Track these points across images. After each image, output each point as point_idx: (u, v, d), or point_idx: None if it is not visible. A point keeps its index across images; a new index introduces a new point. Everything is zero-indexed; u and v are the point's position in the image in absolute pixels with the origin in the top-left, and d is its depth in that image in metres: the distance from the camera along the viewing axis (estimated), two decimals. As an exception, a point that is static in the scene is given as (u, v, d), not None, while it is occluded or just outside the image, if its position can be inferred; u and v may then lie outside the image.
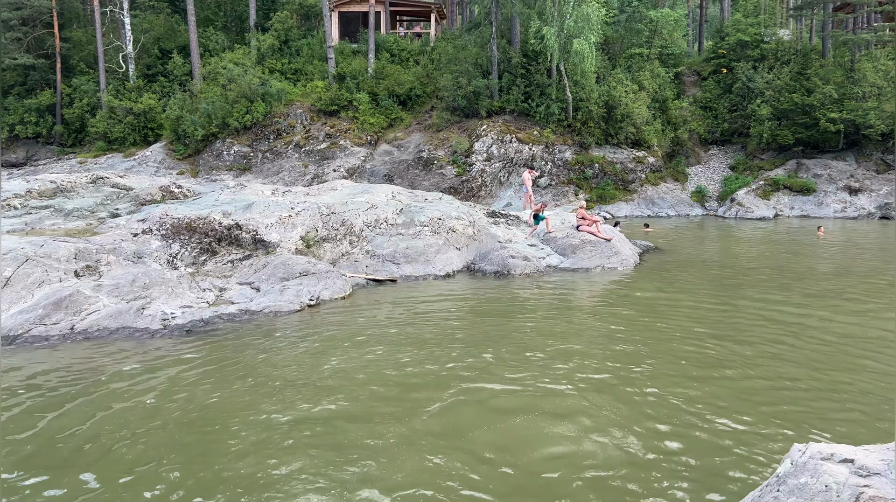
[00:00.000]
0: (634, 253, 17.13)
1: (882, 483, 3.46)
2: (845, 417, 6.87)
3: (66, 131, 36.38)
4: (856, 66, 32.04)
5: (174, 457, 6.03)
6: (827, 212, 29.15)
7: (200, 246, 13.78)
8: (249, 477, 5.63)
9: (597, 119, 31.09)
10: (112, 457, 6.05)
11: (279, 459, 5.96)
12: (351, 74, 33.88)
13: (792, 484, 3.72)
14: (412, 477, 5.60)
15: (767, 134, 31.56)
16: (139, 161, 32.50)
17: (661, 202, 30.59)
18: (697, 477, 5.58)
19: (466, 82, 31.27)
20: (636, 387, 7.68)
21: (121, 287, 11.22)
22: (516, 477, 5.59)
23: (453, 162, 30.25)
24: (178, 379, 8.17)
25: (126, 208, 17.51)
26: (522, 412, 6.96)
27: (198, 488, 5.49)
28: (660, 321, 10.76)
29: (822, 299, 12.40)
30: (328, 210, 15.77)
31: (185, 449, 6.21)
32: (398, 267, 14.89)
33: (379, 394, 7.54)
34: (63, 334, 10.04)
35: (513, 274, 14.94)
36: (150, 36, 38.47)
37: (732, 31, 35.87)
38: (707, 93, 35.26)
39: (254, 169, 31.88)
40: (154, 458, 6.01)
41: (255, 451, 6.12)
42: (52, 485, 5.54)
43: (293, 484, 5.52)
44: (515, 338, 9.84)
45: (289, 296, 11.94)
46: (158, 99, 35.05)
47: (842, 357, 8.87)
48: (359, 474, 5.67)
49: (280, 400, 7.37)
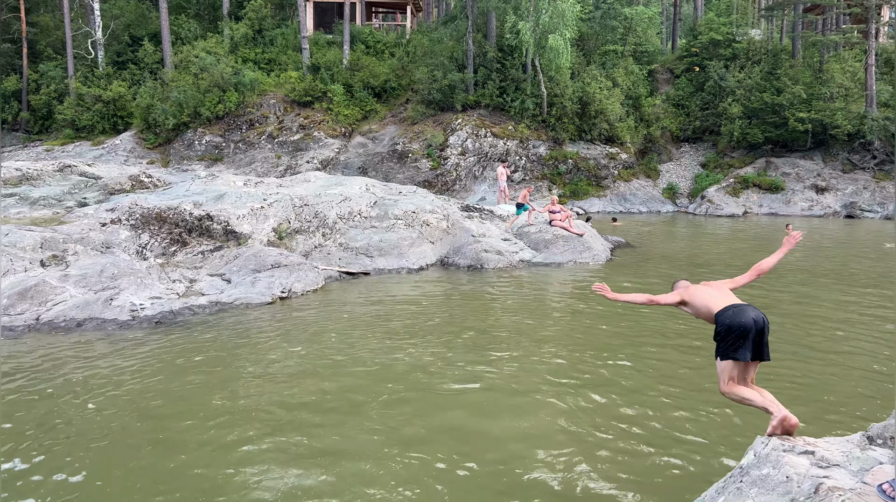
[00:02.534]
0: (606, 248, 17.30)
1: (841, 474, 3.56)
2: (804, 410, 7.03)
3: (33, 118, 35.59)
4: (824, 66, 32.64)
5: (129, 452, 5.97)
6: (794, 210, 29.70)
7: (171, 236, 13.61)
8: (208, 468, 5.60)
9: (571, 115, 31.29)
10: (70, 446, 5.97)
11: (238, 454, 5.92)
12: (325, 65, 33.62)
13: (755, 475, 3.80)
14: (375, 470, 5.62)
15: (738, 132, 32.03)
16: (108, 149, 31.93)
17: (633, 198, 30.91)
18: (665, 467, 5.67)
19: (442, 76, 31.23)
20: (604, 380, 7.76)
21: (88, 277, 11.04)
22: (479, 470, 5.63)
23: (428, 155, 30.23)
24: (144, 370, 8.07)
25: (94, 197, 17.20)
26: (490, 404, 7.00)
27: (152, 483, 5.44)
28: (630, 315, 10.88)
29: (791, 292, 12.64)
30: (301, 202, 15.67)
31: (144, 443, 6.14)
32: (371, 260, 14.85)
33: (347, 386, 7.53)
34: (28, 325, 9.85)
35: (486, 268, 15.00)
36: (121, 22, 37.75)
37: (705, 29, 36.30)
38: (680, 90, 35.65)
39: (226, 159, 31.52)
40: (109, 453, 5.94)
41: (215, 444, 6.08)
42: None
43: (248, 478, 5.50)
44: (486, 330, 9.89)
45: (260, 288, 11.85)
46: (129, 87, 34.43)
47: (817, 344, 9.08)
48: (316, 464, 5.66)
49: (246, 393, 7.33)
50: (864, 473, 3.52)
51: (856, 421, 6.49)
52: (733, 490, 3.82)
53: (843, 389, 7.59)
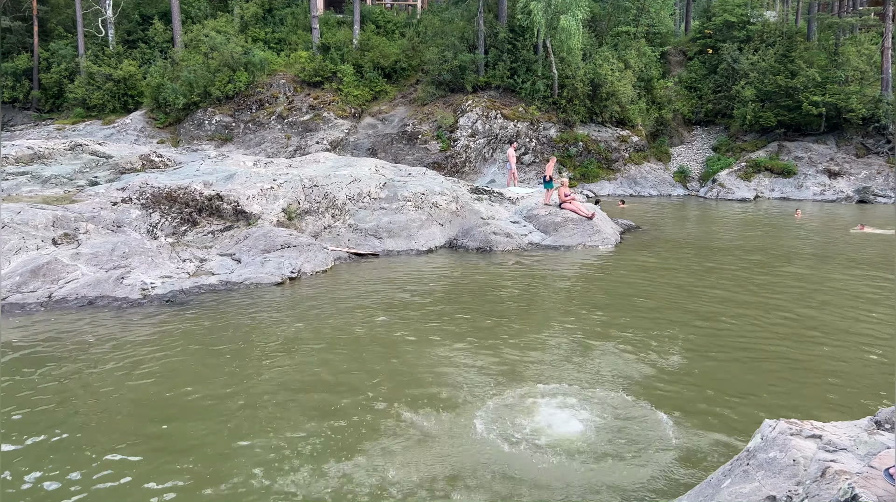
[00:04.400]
0: (616, 231, 17.24)
1: (848, 458, 3.56)
2: (815, 394, 7.04)
3: (44, 96, 35.64)
4: (839, 49, 32.18)
5: (136, 429, 6.05)
6: (806, 194, 29.44)
7: (181, 216, 13.66)
8: (212, 446, 5.67)
9: (582, 97, 31.01)
10: (79, 422, 6.05)
11: (241, 433, 5.99)
12: (335, 45, 33.43)
13: (761, 458, 3.81)
14: (385, 447, 5.67)
15: (750, 115, 31.68)
16: (119, 128, 31.98)
17: (644, 181, 30.72)
18: (670, 448, 5.70)
19: (452, 56, 30.99)
20: (611, 360, 7.78)
21: (100, 256, 11.12)
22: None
23: (438, 137, 30.11)
24: (154, 347, 8.15)
25: (105, 176, 17.26)
26: (504, 377, 7.04)
27: (158, 460, 5.52)
28: (640, 297, 10.88)
29: (800, 283, 12.59)
30: (311, 182, 15.67)
31: (150, 421, 6.22)
32: (381, 241, 14.87)
33: (356, 366, 7.58)
34: (41, 302, 9.95)
35: (495, 250, 14.99)
36: (131, 1, 37.61)
37: (719, 11, 35.80)
38: (692, 73, 35.26)
39: (235, 139, 31.51)
40: (118, 429, 6.03)
41: (221, 421, 6.15)
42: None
43: (252, 454, 5.57)
44: (495, 310, 9.91)
45: (270, 269, 11.90)
46: (139, 66, 34.38)
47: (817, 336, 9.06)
48: (321, 444, 5.72)
49: (255, 372, 7.39)
50: (871, 457, 3.52)
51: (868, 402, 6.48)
52: (740, 472, 3.84)
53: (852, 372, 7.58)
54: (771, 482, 3.58)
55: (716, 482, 4.00)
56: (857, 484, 3.22)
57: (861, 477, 3.28)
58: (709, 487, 4.04)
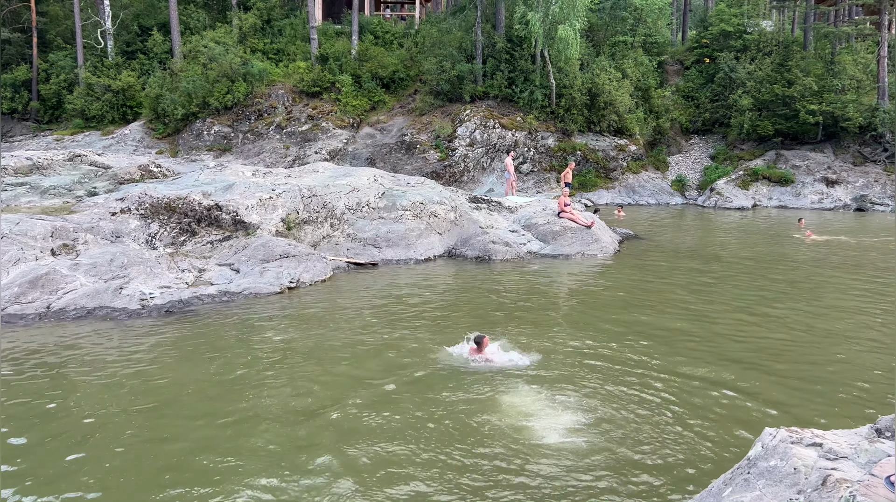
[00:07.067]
0: (614, 240, 17.26)
1: (848, 466, 3.55)
2: (814, 401, 7.03)
3: (43, 107, 35.72)
4: (836, 58, 32.33)
5: (133, 441, 6.03)
6: (804, 202, 29.52)
7: (180, 226, 13.67)
8: (209, 458, 5.65)
9: (580, 106, 31.13)
10: (76, 434, 6.03)
11: (239, 444, 5.97)
12: (334, 56, 33.55)
13: (762, 466, 3.80)
14: (378, 459, 5.65)
15: (748, 124, 31.80)
16: (117, 139, 32.03)
17: (642, 190, 30.79)
18: (670, 458, 5.68)
19: (450, 66, 31.11)
20: (613, 369, 7.77)
21: (98, 266, 11.11)
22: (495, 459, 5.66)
23: (436, 146, 30.18)
24: (153, 359, 8.14)
25: (104, 187, 17.27)
26: (495, 393, 7.03)
27: (155, 474, 5.49)
28: (637, 305, 10.88)
29: (797, 291, 12.60)
30: (309, 192, 15.69)
31: (146, 434, 6.20)
32: (379, 250, 14.87)
33: (354, 377, 7.57)
34: (39, 313, 9.93)
35: (494, 259, 15.00)
36: (130, 12, 37.77)
37: (716, 20, 36.00)
38: (689, 82, 35.42)
39: (234, 149, 31.56)
40: (116, 442, 6.00)
41: (218, 434, 6.13)
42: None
43: (247, 467, 5.55)
44: (493, 320, 9.90)
45: (269, 279, 11.89)
46: (138, 76, 34.48)
47: (819, 347, 9.06)
48: (317, 450, 5.71)
49: (255, 383, 7.37)
50: (871, 465, 3.51)
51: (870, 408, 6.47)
52: (741, 481, 3.83)
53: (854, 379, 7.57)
54: (772, 491, 3.57)
55: (717, 491, 3.99)
56: (859, 492, 3.21)
57: (862, 485, 3.27)
58: (710, 496, 4.03)
